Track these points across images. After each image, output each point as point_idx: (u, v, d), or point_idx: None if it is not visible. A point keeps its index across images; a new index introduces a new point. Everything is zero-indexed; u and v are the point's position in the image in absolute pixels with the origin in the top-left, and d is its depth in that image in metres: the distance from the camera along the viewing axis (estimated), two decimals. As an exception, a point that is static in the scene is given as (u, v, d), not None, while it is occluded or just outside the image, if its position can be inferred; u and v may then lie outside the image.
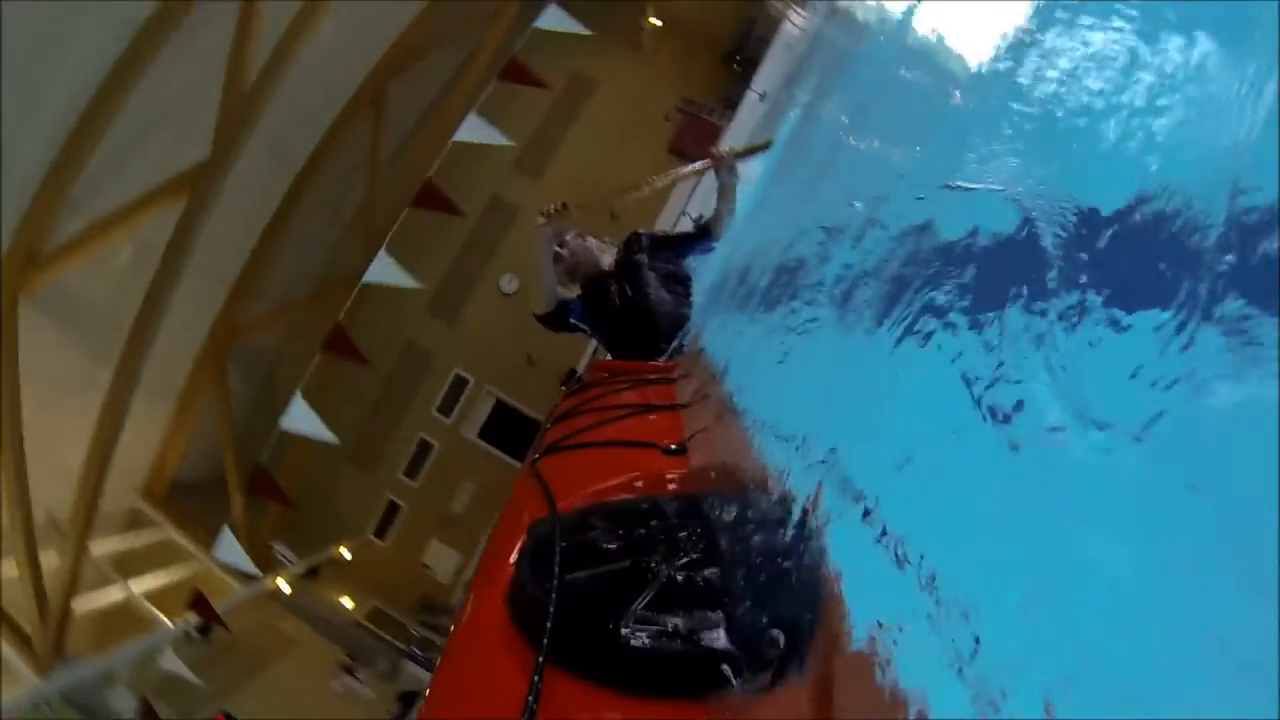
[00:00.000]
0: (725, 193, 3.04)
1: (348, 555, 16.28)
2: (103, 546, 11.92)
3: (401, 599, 16.75)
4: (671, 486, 1.21)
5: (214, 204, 11.25)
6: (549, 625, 0.77)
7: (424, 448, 18.05)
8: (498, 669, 0.78)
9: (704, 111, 18.72)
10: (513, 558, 0.98)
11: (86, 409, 10.85)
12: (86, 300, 11.29)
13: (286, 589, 13.18)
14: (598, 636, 0.77)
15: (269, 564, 13.46)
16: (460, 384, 18.26)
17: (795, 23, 14.44)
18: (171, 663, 9.28)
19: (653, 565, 0.88)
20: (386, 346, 16.67)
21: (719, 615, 0.78)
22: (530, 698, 0.68)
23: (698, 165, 2.80)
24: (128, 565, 11.94)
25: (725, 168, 2.88)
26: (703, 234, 3.22)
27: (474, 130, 9.99)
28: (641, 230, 3.28)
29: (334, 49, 12.12)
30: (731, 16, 17.82)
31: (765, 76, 14.53)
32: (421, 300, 17.37)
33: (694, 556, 0.90)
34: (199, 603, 9.57)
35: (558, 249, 3.03)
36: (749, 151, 4.79)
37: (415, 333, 17.78)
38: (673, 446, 1.40)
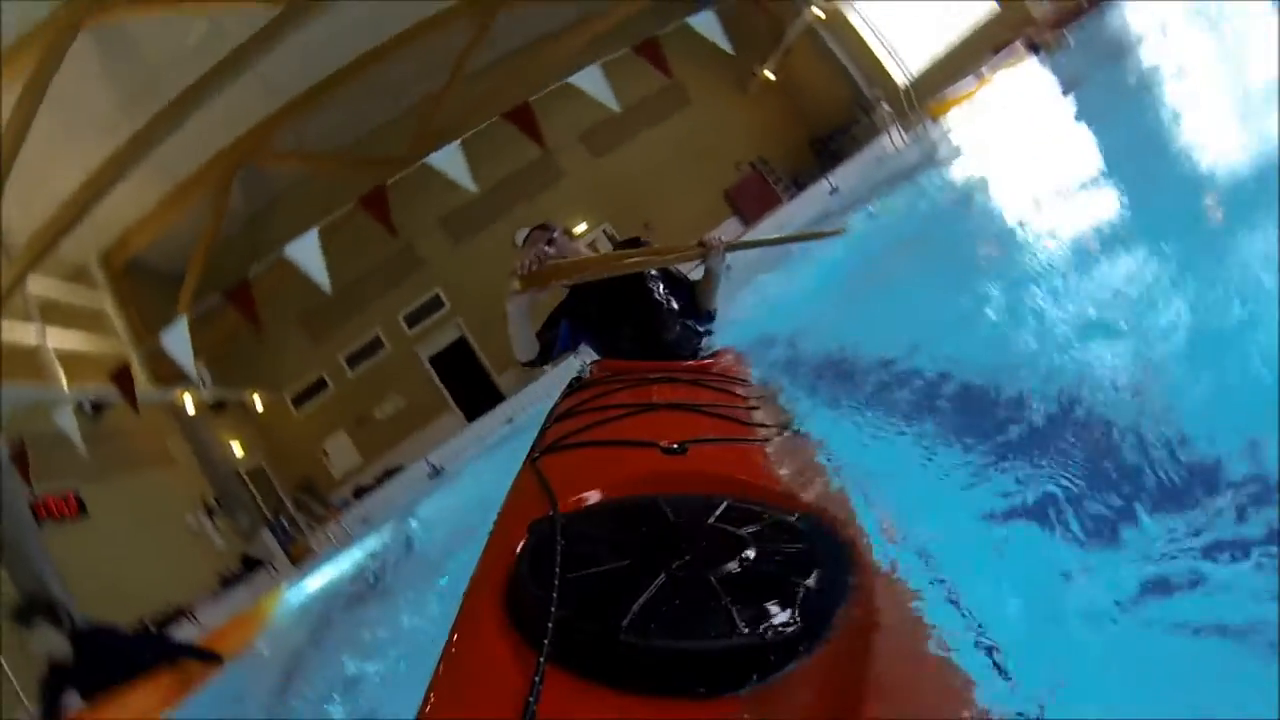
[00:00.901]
0: (710, 278, 2.87)
1: (259, 407, 16.06)
2: (39, 285, 11.65)
3: (288, 471, 16.57)
4: (672, 486, 1.21)
5: (303, 25, 11.25)
6: (550, 625, 0.78)
7: (374, 345, 17.95)
8: (498, 669, 0.78)
9: (773, 177, 19.10)
10: (513, 557, 0.97)
11: (95, 152, 10.68)
12: (143, 55, 11.11)
13: (190, 409, 12.94)
14: (599, 636, 0.78)
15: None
16: (435, 305, 18.24)
17: (894, 142, 14.93)
18: (67, 423, 9.05)
19: (654, 564, 0.89)
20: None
21: (723, 612, 0.79)
22: (531, 698, 0.69)
23: (689, 253, 2.65)
24: (52, 315, 11.65)
25: (717, 255, 2.70)
26: (703, 314, 2.99)
27: (590, 81, 10.12)
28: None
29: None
30: (839, 107, 18.24)
31: (845, 174, 14.98)
32: (444, 207, 17.32)
33: (695, 555, 0.91)
34: (121, 376, 9.39)
35: (545, 247, 2.87)
36: (811, 236, 4.91)
37: (420, 236, 17.63)
38: (674, 446, 1.41)
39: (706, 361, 2.67)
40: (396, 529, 9.35)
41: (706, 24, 10.61)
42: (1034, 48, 11.40)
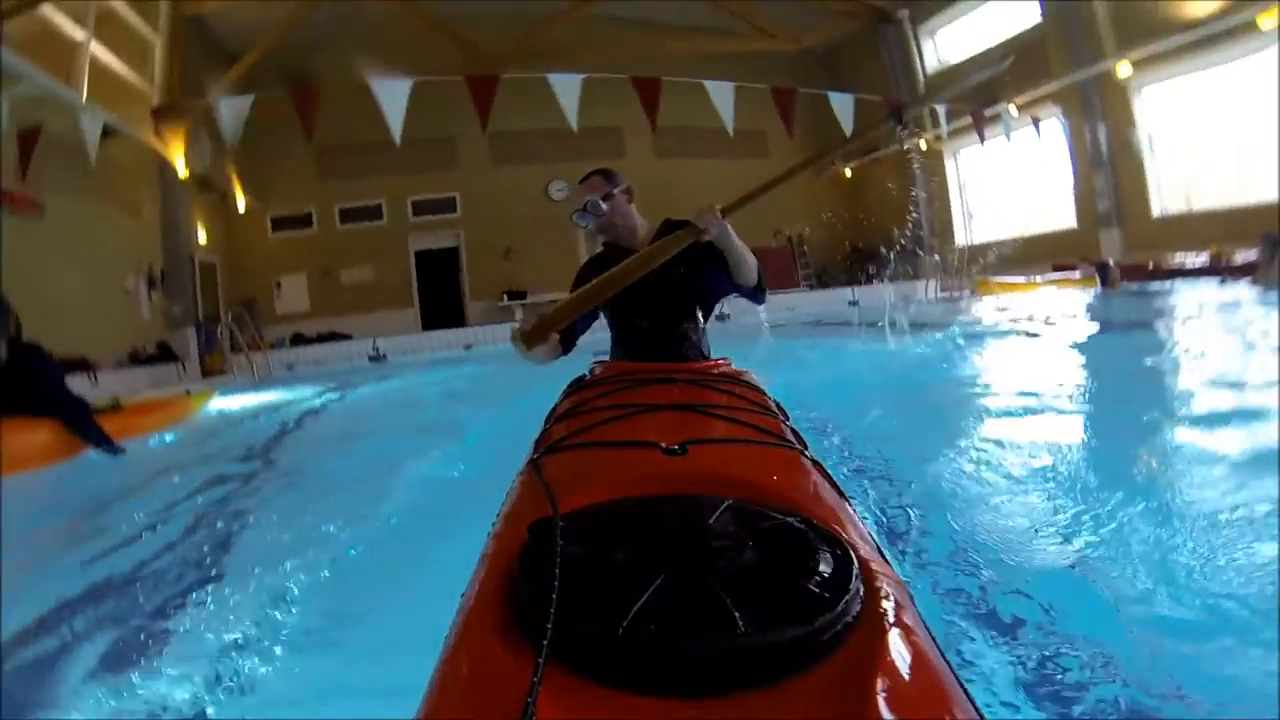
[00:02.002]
0: (729, 252, 2.60)
1: (240, 207, 15.67)
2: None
3: (237, 283, 16.17)
4: (673, 486, 1.22)
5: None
6: (549, 625, 0.77)
7: (373, 212, 17.67)
8: (498, 670, 0.78)
9: (801, 260, 19.52)
10: (513, 557, 0.96)
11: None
12: None
13: (181, 171, 12.54)
14: (599, 636, 0.78)
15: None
16: (447, 207, 18.07)
17: (927, 291, 15.46)
18: (90, 131, 8.78)
19: (654, 564, 0.89)
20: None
21: (724, 614, 0.79)
22: (530, 699, 0.68)
23: (682, 239, 2.44)
24: (105, 25, 11.21)
25: (714, 230, 2.44)
26: (755, 288, 2.75)
27: (722, 96, 10.39)
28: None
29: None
30: (894, 233, 18.77)
31: (869, 293, 15.50)
32: (503, 124, 17.13)
33: (695, 556, 0.92)
34: (162, 113, 9.09)
35: (600, 200, 2.76)
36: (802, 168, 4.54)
37: (467, 137, 17.37)
38: (674, 446, 1.41)
39: (709, 363, 2.64)
40: (311, 397, 9.16)
41: (842, 105, 10.90)
42: (1102, 273, 11.93)
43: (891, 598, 0.89)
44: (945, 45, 17.42)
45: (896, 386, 5.92)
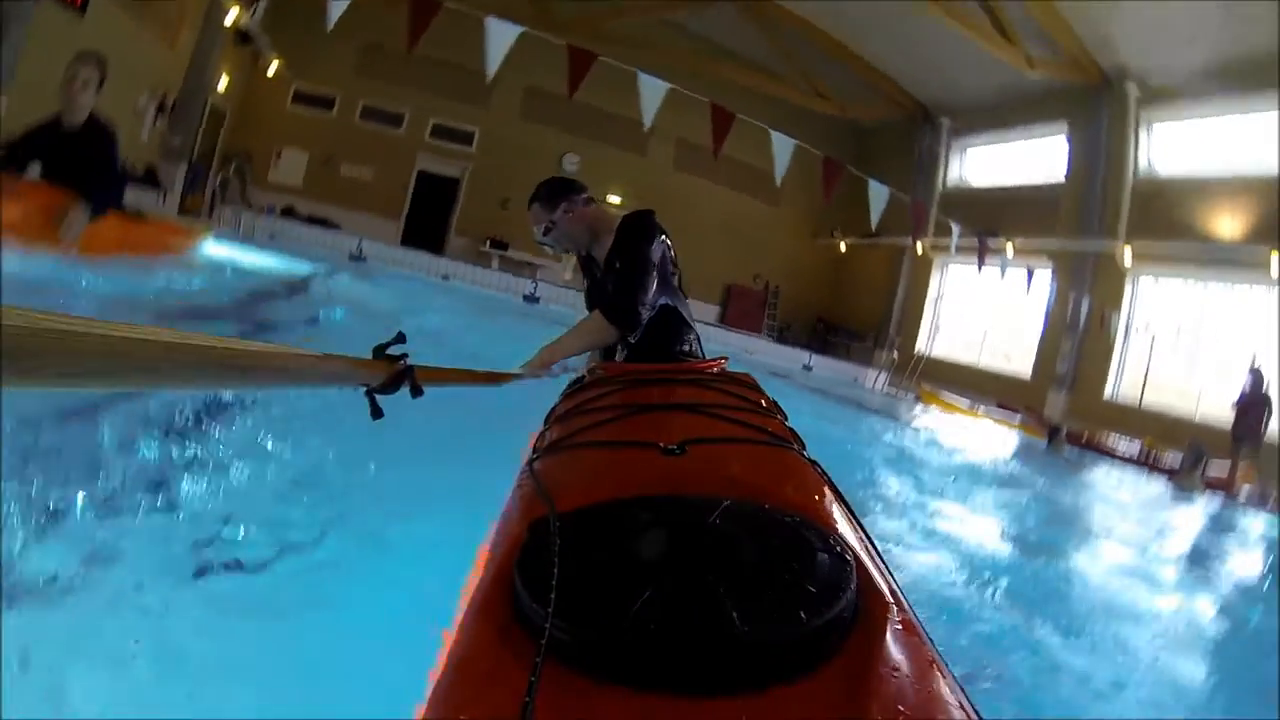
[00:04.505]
0: (570, 356, 2.76)
1: (272, 69, 15.58)
2: None
3: (241, 137, 16.05)
4: (672, 486, 1.21)
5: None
6: (548, 625, 0.78)
7: (394, 119, 17.70)
8: (498, 668, 0.78)
9: (770, 311, 20.22)
10: (511, 555, 0.96)
11: None
12: None
13: (230, 19, 12.49)
14: (599, 636, 0.78)
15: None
16: (465, 138, 18.21)
17: (875, 382, 16.07)
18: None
19: (654, 564, 0.90)
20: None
21: (723, 613, 0.79)
22: (528, 699, 0.69)
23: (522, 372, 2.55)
24: None
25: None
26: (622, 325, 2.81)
27: (781, 146, 10.75)
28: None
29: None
30: (864, 317, 19.40)
31: (823, 364, 16.18)
32: (540, 82, 17.34)
33: (694, 556, 0.91)
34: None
35: (543, 233, 2.91)
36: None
37: (504, 84, 17.40)
38: (673, 446, 1.40)
39: (707, 363, 2.68)
40: (286, 278, 9.32)
41: (877, 195, 11.41)
42: (1053, 433, 12.43)
43: (888, 599, 0.91)
44: (972, 165, 18.09)
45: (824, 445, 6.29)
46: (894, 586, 0.96)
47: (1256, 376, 10.62)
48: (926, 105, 18.23)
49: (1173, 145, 13.45)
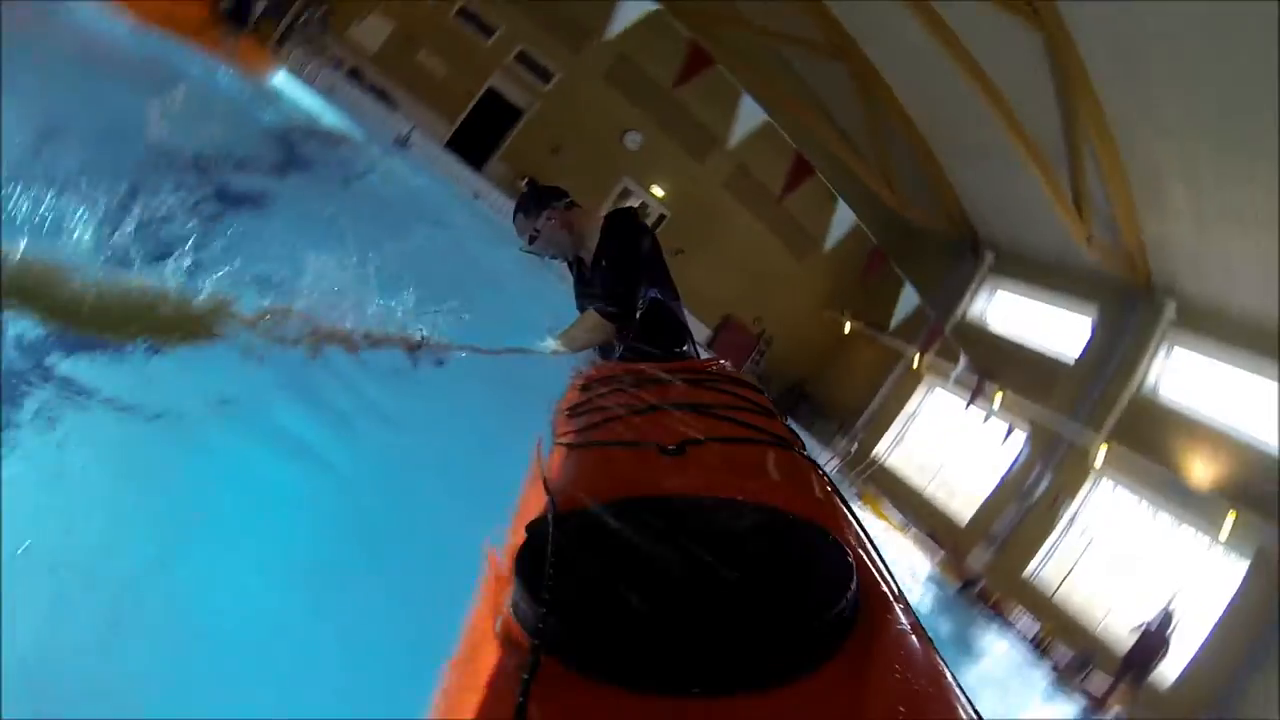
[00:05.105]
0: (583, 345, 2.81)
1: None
2: None
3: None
4: (671, 486, 1.23)
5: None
6: (541, 627, 0.78)
7: (486, 29, 17.45)
8: (501, 669, 0.78)
9: (754, 358, 20.27)
10: (511, 556, 0.96)
11: None
12: None
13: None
14: (598, 636, 0.77)
15: None
16: (544, 75, 18.01)
17: (827, 468, 16.24)
18: None
19: (654, 564, 0.89)
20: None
21: (723, 613, 0.79)
22: (521, 698, 0.68)
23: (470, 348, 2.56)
24: None
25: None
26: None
27: (845, 214, 10.85)
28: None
29: None
30: (840, 401, 19.57)
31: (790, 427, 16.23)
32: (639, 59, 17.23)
33: (695, 556, 0.91)
34: None
35: (535, 231, 2.87)
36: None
37: (595, 41, 17.22)
38: (673, 447, 1.41)
39: (706, 363, 2.69)
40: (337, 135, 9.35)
41: (908, 299, 11.54)
42: (971, 580, 12.61)
43: (888, 598, 0.91)
44: (997, 306, 18.10)
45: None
46: (894, 586, 0.96)
47: (1167, 616, 10.82)
48: (979, 233, 18.37)
49: (1185, 374, 13.57)
